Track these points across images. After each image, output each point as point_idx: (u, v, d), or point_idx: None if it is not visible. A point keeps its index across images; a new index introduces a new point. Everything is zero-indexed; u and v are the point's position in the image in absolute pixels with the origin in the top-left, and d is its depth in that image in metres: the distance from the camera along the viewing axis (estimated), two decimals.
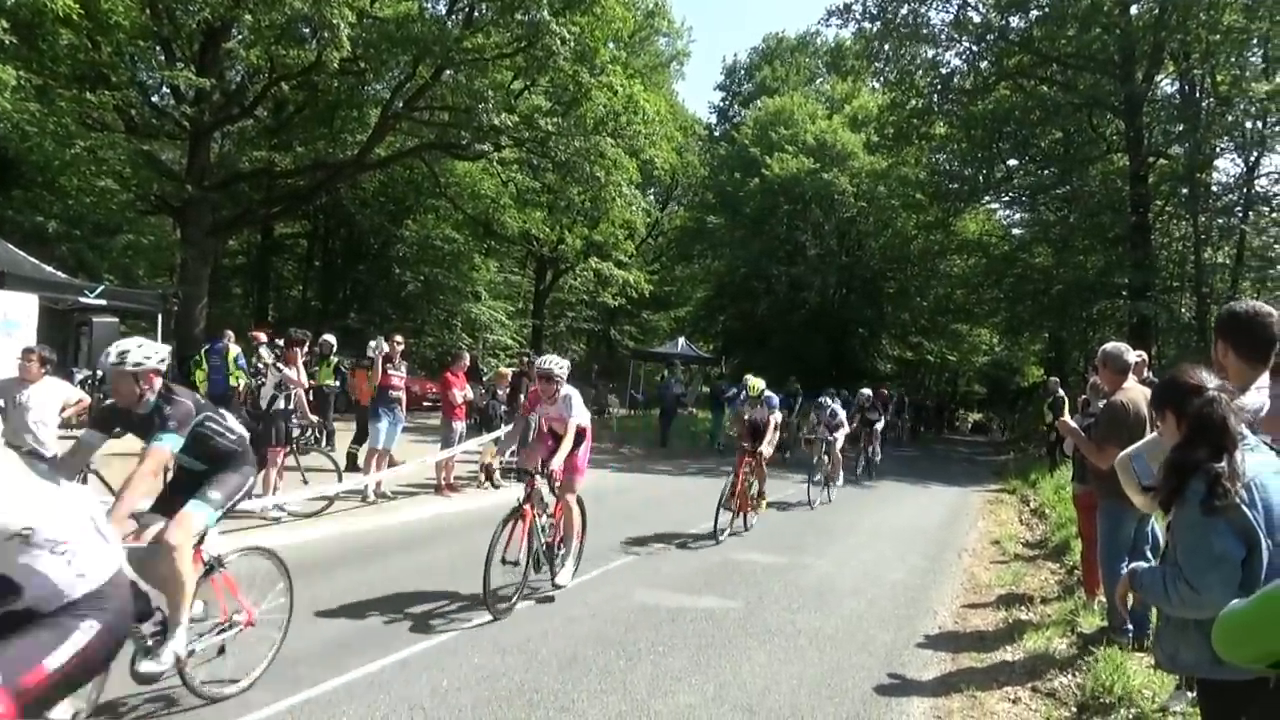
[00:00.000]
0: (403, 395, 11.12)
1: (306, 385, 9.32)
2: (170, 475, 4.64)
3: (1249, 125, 23.39)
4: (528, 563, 6.24)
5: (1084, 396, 7.40)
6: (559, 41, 20.44)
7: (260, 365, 9.56)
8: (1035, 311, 29.18)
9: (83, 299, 8.24)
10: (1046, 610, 6.87)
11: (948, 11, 27.48)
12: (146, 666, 3.84)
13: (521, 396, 12.94)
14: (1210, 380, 2.57)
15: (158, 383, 4.06)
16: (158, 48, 21.42)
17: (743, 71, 56.15)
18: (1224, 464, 2.38)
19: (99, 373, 7.32)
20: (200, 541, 4.21)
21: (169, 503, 4.27)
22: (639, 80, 27.06)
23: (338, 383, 13.73)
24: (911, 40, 27.57)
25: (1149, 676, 4.85)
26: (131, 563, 3.28)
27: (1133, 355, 5.92)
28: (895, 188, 36.36)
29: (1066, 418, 3.07)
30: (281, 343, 9.50)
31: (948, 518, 12.89)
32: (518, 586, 6.15)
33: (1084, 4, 24.46)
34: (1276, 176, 25.11)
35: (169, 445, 3.97)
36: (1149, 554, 5.56)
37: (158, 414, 3.98)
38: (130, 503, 3.76)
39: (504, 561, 6.04)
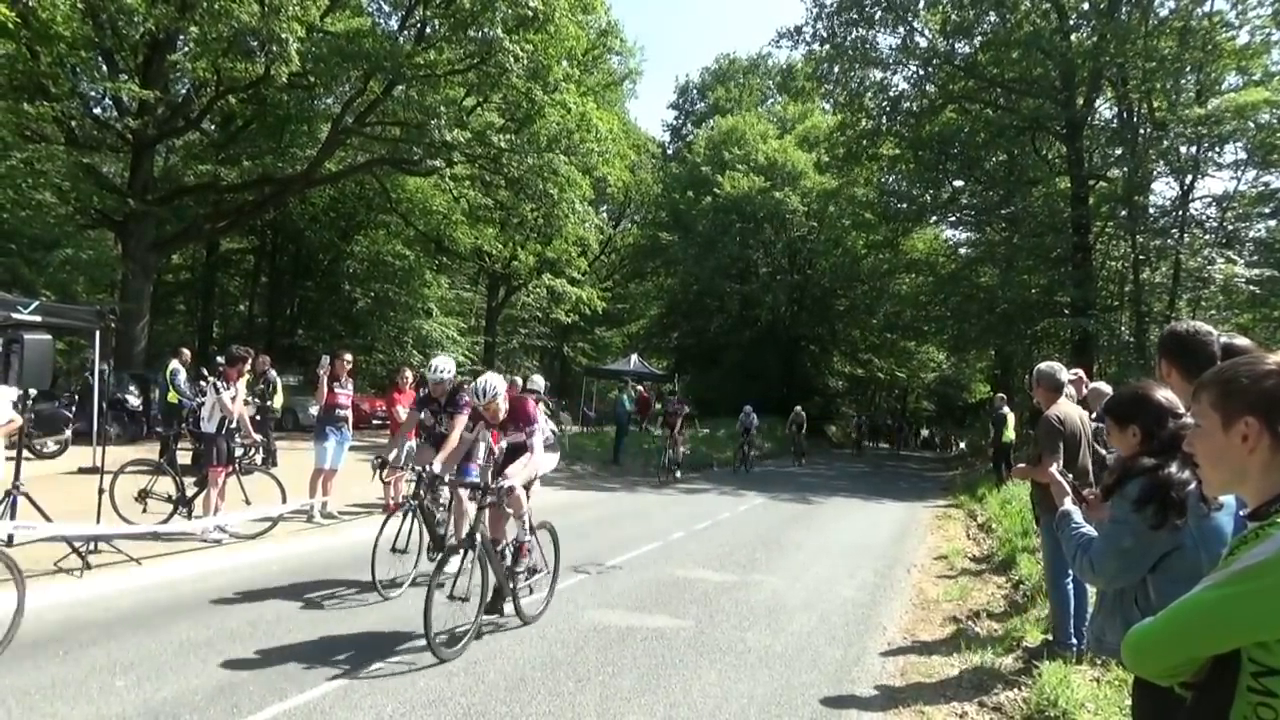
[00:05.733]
0: (349, 413, 10.95)
1: (234, 412, 8.98)
2: None
3: (1183, 150, 24.16)
4: None
5: (1030, 429, 7.50)
6: (512, 59, 20.45)
7: (201, 384, 9.32)
8: (981, 329, 29.73)
9: (15, 315, 7.98)
10: (993, 625, 6.95)
11: (895, 36, 28.10)
12: None
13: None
14: (1180, 404, 2.73)
15: None
16: (100, 59, 20.94)
17: (695, 91, 56.76)
18: (1183, 473, 2.52)
19: (31, 392, 7.08)
20: None
21: None
22: (592, 98, 27.15)
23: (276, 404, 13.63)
24: (860, 63, 28.08)
25: (1092, 690, 4.92)
26: None
27: (1066, 374, 6.08)
28: (845, 207, 36.91)
29: (1054, 470, 3.15)
30: (222, 360, 9.27)
31: (897, 533, 13.01)
32: None
33: (1025, 30, 25.15)
34: (1209, 200, 25.95)
35: None
36: None
37: None
38: None
39: None
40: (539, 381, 15.27)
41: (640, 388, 29.44)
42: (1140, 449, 2.70)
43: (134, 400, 16.34)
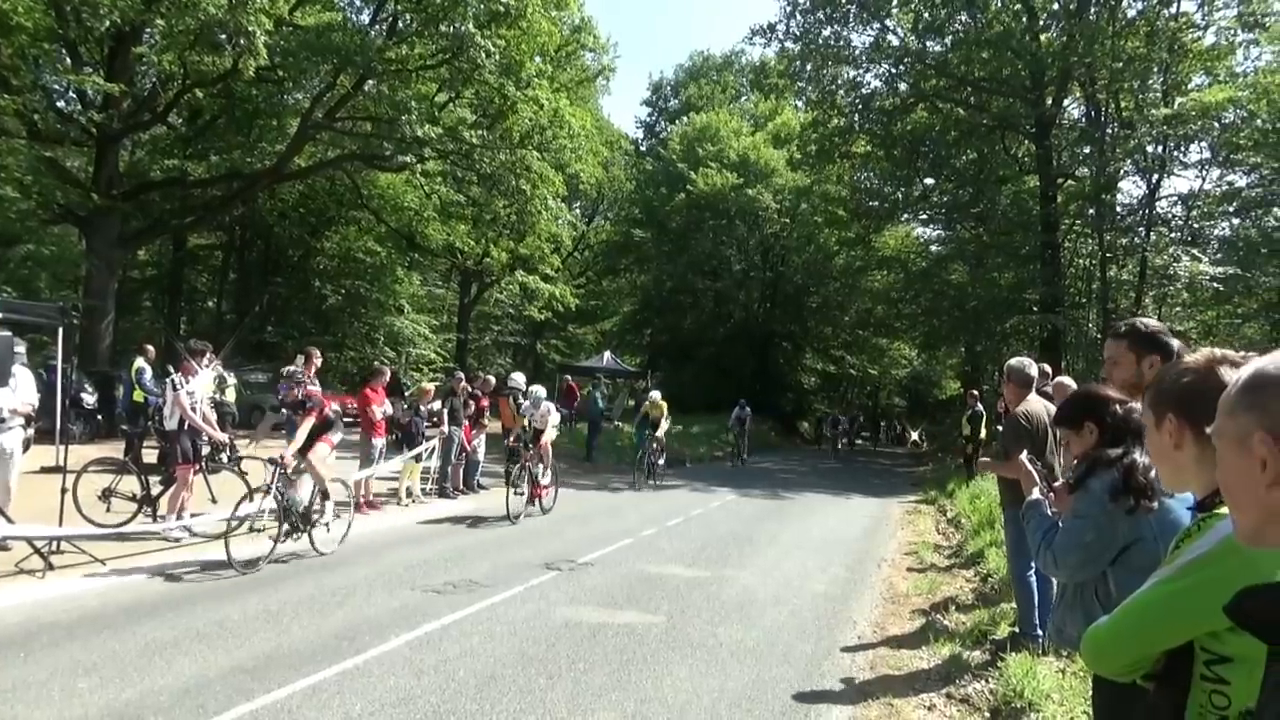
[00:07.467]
0: None
1: (186, 407, 8.80)
2: None
3: (1150, 149, 24.46)
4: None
5: (1006, 409, 7.60)
6: (484, 54, 20.32)
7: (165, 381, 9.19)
8: (952, 326, 29.98)
9: None
10: (961, 618, 7.01)
11: (868, 35, 28.20)
12: None
13: (445, 412, 12.85)
14: (1121, 394, 2.85)
15: None
16: (63, 50, 20.56)
17: (669, 88, 56.72)
18: (1144, 457, 2.59)
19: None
20: None
21: None
22: (565, 95, 27.06)
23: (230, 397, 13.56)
24: (833, 61, 28.15)
25: (1058, 680, 4.98)
26: None
27: (1035, 369, 6.14)
28: (817, 204, 37.09)
29: (1023, 458, 3.23)
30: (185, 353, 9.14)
31: (868, 528, 13.10)
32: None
33: (996, 30, 25.37)
34: (1175, 199, 26.31)
35: None
36: None
37: None
38: None
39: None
40: (519, 379, 15.21)
41: (568, 377, 30.42)
42: (1100, 441, 2.76)
43: (89, 399, 16.00)
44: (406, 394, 16.58)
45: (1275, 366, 1.11)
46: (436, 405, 13.05)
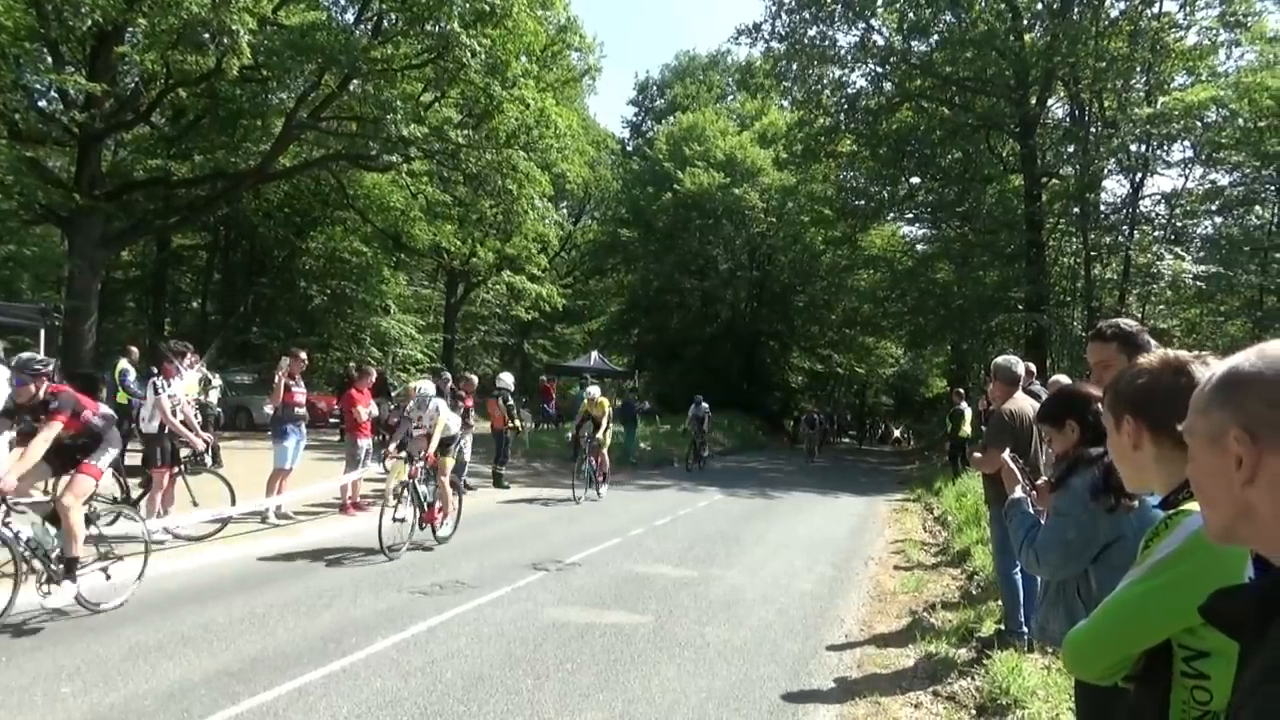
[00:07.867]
0: (305, 412, 10.81)
1: (166, 410, 8.73)
2: None
3: (1133, 148, 24.64)
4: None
5: (988, 407, 7.66)
6: (469, 54, 20.22)
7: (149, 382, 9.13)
8: (938, 325, 30.10)
9: None
10: (947, 616, 7.04)
11: (853, 34, 28.30)
12: None
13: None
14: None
15: None
16: (45, 50, 20.36)
17: (655, 88, 56.77)
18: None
19: None
20: None
21: None
22: (551, 94, 26.99)
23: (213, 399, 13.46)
24: (818, 61, 28.23)
25: (1043, 677, 5.01)
26: None
27: (1021, 367, 6.18)
28: (804, 203, 37.17)
29: (1005, 457, 3.27)
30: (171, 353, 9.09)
31: (855, 527, 13.14)
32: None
33: (980, 30, 25.49)
34: (1158, 197, 26.52)
35: None
36: None
37: None
38: None
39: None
40: (507, 379, 15.13)
41: (543, 378, 31.05)
42: (1082, 439, 2.77)
43: None
44: (393, 394, 16.53)
45: (1249, 364, 1.11)
46: None
